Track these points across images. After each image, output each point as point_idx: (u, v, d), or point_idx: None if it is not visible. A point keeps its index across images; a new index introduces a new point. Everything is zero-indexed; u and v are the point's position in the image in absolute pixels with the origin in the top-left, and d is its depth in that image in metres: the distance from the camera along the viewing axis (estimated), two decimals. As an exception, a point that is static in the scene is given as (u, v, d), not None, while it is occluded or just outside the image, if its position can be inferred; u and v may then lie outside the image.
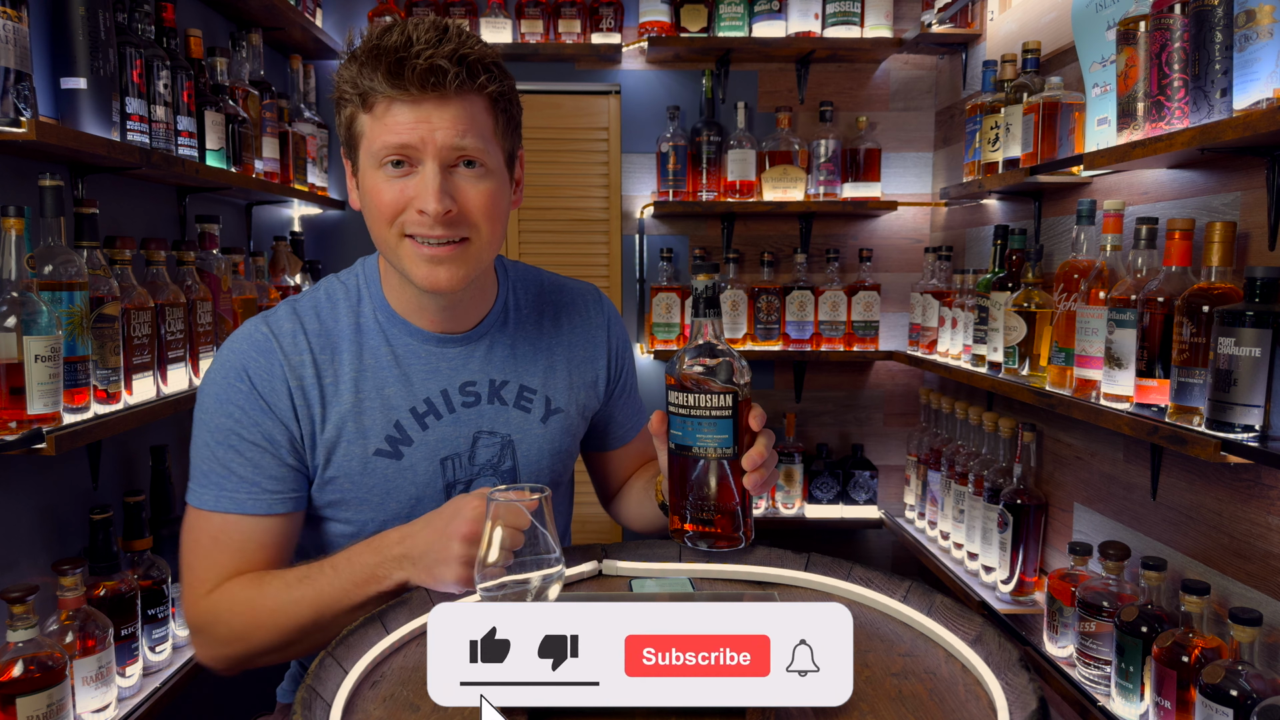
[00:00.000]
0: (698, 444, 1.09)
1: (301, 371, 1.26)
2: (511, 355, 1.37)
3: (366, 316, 1.31)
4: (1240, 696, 1.29)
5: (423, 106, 1.14)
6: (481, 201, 1.19)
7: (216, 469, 1.23)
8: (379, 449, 1.28)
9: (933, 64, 3.19)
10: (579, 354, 1.43)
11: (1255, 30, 1.28)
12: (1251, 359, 1.31)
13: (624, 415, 1.52)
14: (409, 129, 1.14)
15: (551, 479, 1.40)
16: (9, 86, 1.37)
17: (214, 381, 1.25)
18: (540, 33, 3.01)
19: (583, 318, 1.45)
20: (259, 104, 2.33)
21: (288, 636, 1.17)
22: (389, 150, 1.16)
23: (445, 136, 1.15)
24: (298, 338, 1.27)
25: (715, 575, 1.24)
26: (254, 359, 1.24)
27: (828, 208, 3.03)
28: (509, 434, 1.35)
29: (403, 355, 1.30)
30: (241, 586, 1.20)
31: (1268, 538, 1.52)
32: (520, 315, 1.39)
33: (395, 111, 1.15)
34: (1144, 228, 1.66)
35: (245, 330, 1.28)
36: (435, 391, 1.31)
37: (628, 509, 1.52)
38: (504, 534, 0.96)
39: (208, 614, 1.21)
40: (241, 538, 1.23)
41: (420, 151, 1.15)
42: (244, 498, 1.22)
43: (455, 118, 1.15)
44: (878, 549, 3.32)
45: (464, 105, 1.16)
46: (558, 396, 1.39)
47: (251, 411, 1.23)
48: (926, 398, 2.88)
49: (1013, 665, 0.94)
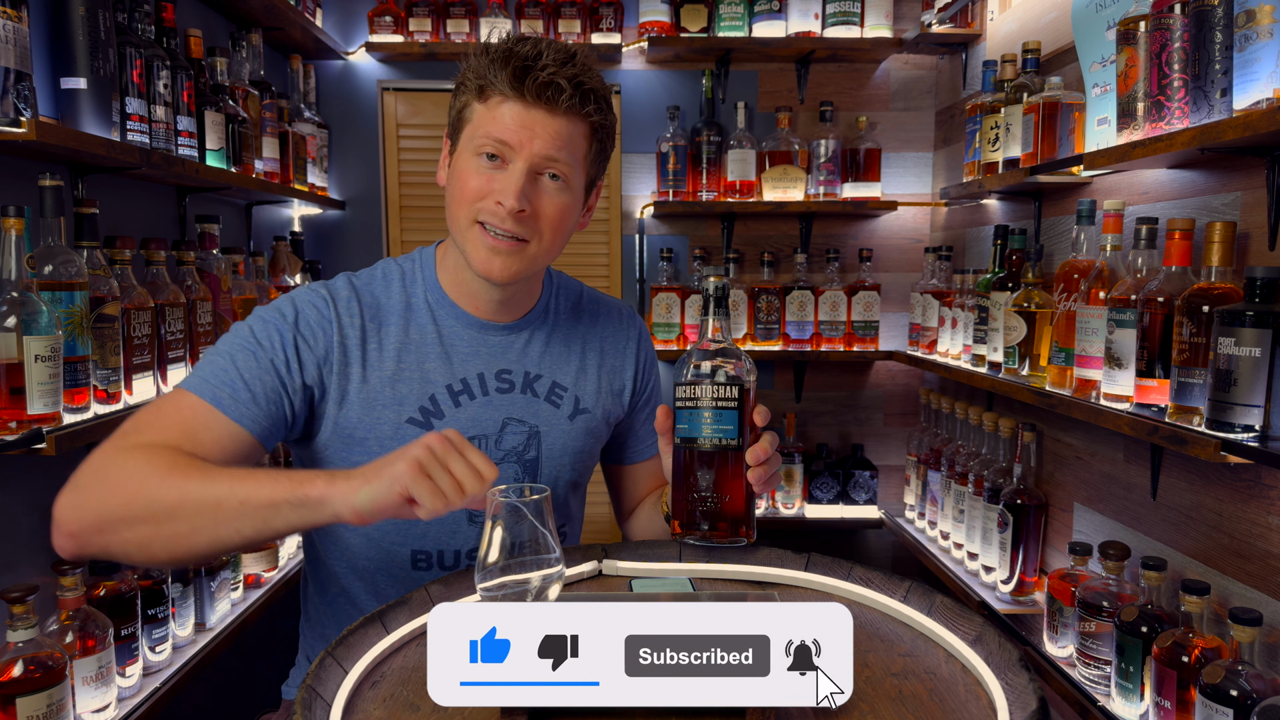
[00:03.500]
0: (703, 434, 1.14)
1: (348, 331, 1.32)
2: (547, 351, 1.43)
3: (418, 296, 1.38)
4: (1240, 696, 1.29)
5: (532, 113, 1.24)
6: (553, 212, 1.28)
7: (221, 363, 1.23)
8: (411, 417, 1.33)
9: (933, 64, 3.19)
10: (609, 361, 1.49)
11: (1255, 30, 1.28)
12: (1251, 359, 1.31)
13: (645, 430, 1.56)
14: (513, 129, 1.24)
15: (571, 478, 1.45)
16: (9, 86, 1.37)
17: (259, 314, 1.30)
18: (540, 33, 3.00)
19: (615, 329, 1.52)
20: (259, 104, 2.33)
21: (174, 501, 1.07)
22: (489, 141, 1.24)
23: (542, 146, 1.24)
24: (352, 303, 1.34)
25: (715, 575, 1.24)
26: (308, 307, 1.31)
27: (828, 208, 3.03)
28: (537, 425, 1.40)
29: (447, 335, 1.37)
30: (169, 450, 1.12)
31: (1268, 538, 1.52)
32: (559, 317, 1.47)
33: (506, 109, 1.24)
34: (1144, 228, 1.66)
35: (308, 288, 1.35)
36: (473, 373, 1.37)
37: (638, 525, 1.55)
38: (504, 534, 0.96)
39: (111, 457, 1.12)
40: (203, 427, 1.18)
41: (516, 151, 1.24)
42: (226, 395, 1.20)
43: (556, 133, 1.25)
44: (878, 549, 3.32)
45: (568, 124, 1.26)
46: (586, 397, 1.45)
47: (284, 338, 1.27)
48: (926, 398, 2.88)
49: (1013, 665, 0.94)
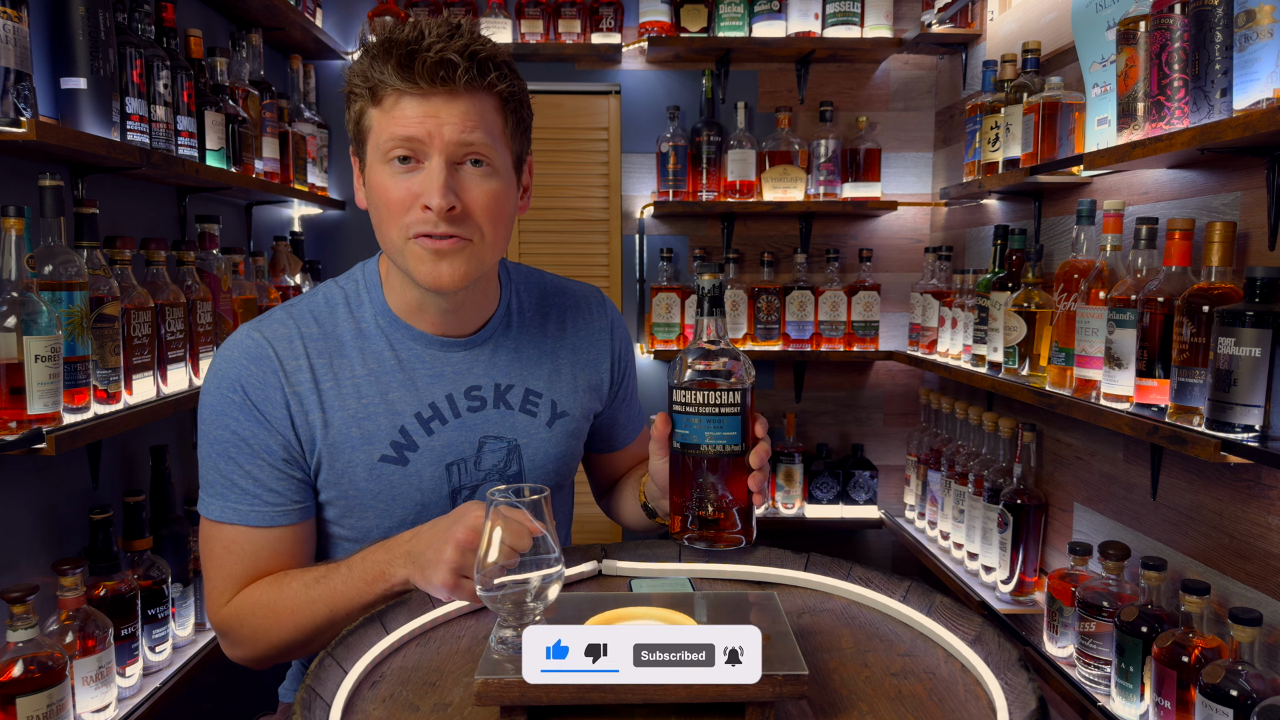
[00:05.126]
0: (706, 442, 1.09)
1: (298, 379, 1.24)
2: (516, 358, 1.36)
3: (367, 320, 1.30)
4: (1240, 696, 1.29)
5: (432, 101, 1.13)
6: (486, 201, 1.18)
7: (219, 480, 1.23)
8: (384, 455, 1.27)
9: (933, 64, 3.19)
10: (583, 357, 1.43)
11: (1255, 30, 1.28)
12: (1251, 359, 1.31)
13: (625, 418, 1.53)
14: (417, 122, 1.13)
15: (556, 482, 1.40)
16: (9, 86, 1.37)
17: (210, 393, 1.24)
18: (540, 33, 3.01)
19: (586, 320, 1.44)
20: (259, 104, 2.33)
21: (306, 634, 1.19)
22: (396, 143, 1.15)
23: (452, 131, 1.14)
24: (294, 344, 1.25)
25: (715, 575, 1.24)
26: (248, 369, 1.23)
27: (828, 208, 3.03)
28: (515, 438, 1.34)
29: (406, 359, 1.29)
30: (261, 589, 1.22)
31: (1268, 538, 1.52)
32: (524, 318, 1.39)
33: (404, 105, 1.14)
34: (1144, 228, 1.66)
35: (238, 338, 1.26)
36: (440, 396, 1.30)
37: (619, 504, 1.53)
38: (504, 534, 0.95)
39: (230, 619, 1.24)
40: (252, 548, 1.24)
41: (427, 146, 1.14)
42: (246, 510, 1.23)
43: (464, 113, 1.14)
44: (878, 549, 3.32)
45: (473, 102, 1.15)
46: (563, 400, 1.39)
47: (247, 424, 1.22)
48: (926, 398, 2.88)
49: (1012, 665, 0.94)
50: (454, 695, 0.94)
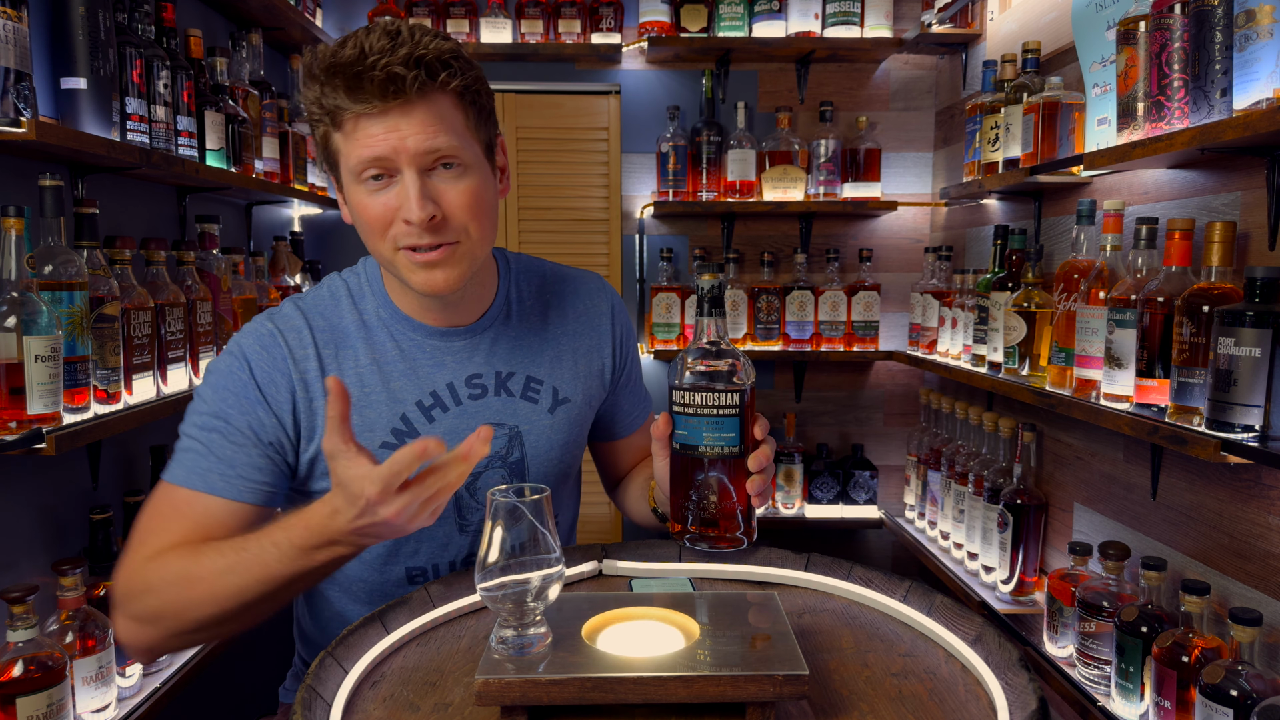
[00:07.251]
0: (704, 443, 1.09)
1: (305, 366, 1.26)
2: (517, 346, 1.37)
3: (370, 313, 1.32)
4: (1240, 696, 1.29)
5: (389, 117, 1.12)
6: (464, 201, 1.18)
7: (197, 448, 1.20)
8: (385, 441, 1.28)
9: (933, 64, 3.19)
10: (584, 343, 1.43)
11: (1255, 30, 1.28)
12: (1251, 359, 1.31)
13: (629, 404, 1.52)
14: (380, 141, 1.13)
15: (560, 470, 1.40)
16: (9, 86, 1.37)
17: (215, 370, 1.26)
18: (540, 33, 3.01)
19: (587, 306, 1.45)
20: (259, 104, 2.33)
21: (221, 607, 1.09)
22: (365, 165, 1.15)
23: (417, 142, 1.13)
24: (302, 333, 1.28)
25: (715, 575, 1.24)
26: (258, 352, 1.25)
27: (828, 208, 3.03)
28: (516, 425, 1.35)
29: (408, 349, 1.31)
30: (178, 555, 1.13)
31: (1268, 538, 1.52)
32: (524, 307, 1.40)
33: (364, 126, 1.13)
34: (1144, 228, 1.66)
35: (251, 326, 1.30)
36: (442, 384, 1.32)
37: (629, 501, 1.52)
38: (504, 534, 0.95)
39: (138, 580, 1.14)
40: (206, 516, 1.18)
41: (395, 161, 1.14)
42: (216, 478, 1.19)
43: (423, 121, 1.13)
44: (878, 549, 3.32)
45: (430, 107, 1.14)
46: (564, 386, 1.39)
47: (246, 399, 1.23)
48: (926, 398, 2.88)
49: (1013, 665, 0.94)
50: (454, 695, 0.94)
